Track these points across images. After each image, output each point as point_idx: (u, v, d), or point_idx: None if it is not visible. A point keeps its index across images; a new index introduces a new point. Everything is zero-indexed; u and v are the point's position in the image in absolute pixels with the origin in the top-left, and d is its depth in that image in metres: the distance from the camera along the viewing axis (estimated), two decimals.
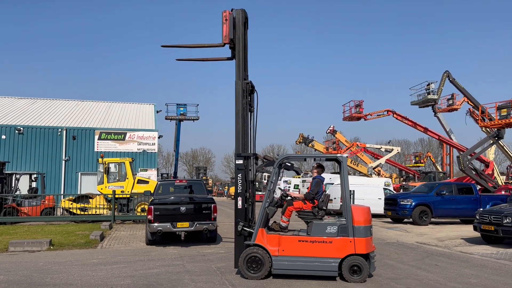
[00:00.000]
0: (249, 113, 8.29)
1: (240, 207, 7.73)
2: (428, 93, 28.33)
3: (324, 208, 7.58)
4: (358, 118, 31.16)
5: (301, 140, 36.34)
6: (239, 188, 7.79)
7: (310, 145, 36.43)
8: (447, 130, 31.68)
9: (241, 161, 7.83)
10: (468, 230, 14.66)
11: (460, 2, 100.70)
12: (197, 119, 34.81)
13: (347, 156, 33.60)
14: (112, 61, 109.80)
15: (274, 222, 7.87)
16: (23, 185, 20.24)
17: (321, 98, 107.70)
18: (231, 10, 8.21)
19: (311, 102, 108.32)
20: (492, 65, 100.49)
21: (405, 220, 18.22)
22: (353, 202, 19.82)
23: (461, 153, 24.59)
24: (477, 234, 12.75)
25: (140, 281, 7.17)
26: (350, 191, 20.10)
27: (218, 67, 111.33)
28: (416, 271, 8.23)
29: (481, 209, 12.91)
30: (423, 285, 7.07)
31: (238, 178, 7.81)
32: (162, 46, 8.95)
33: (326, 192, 8.12)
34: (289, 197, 7.93)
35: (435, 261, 9.45)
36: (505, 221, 11.37)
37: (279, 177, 8.33)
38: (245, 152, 8.06)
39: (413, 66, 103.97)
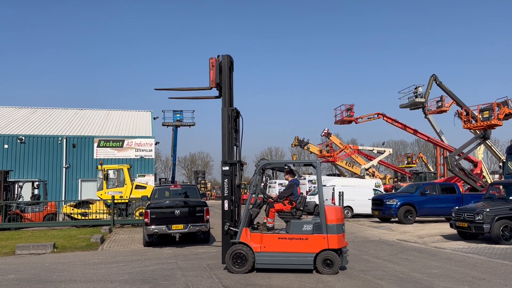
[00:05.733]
0: (234, 133, 9.19)
1: (227, 209, 8.62)
2: (416, 96, 29.19)
3: (301, 208, 8.48)
4: (349, 122, 31.99)
5: (297, 143, 37.19)
6: (226, 192, 8.67)
7: (305, 147, 37.29)
8: (438, 131, 32.50)
9: (227, 168, 8.71)
10: (449, 228, 15.48)
11: (446, 6, 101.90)
12: (193, 125, 35.68)
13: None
14: (109, 68, 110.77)
15: (262, 224, 8.74)
16: (26, 193, 21.09)
17: (317, 102, 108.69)
18: (217, 56, 9.17)
19: (307, 106, 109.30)
20: (479, 66, 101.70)
21: (392, 219, 19.07)
22: (343, 203, 20.73)
23: (449, 154, 25.48)
24: (455, 231, 13.59)
25: (137, 277, 8.01)
26: (339, 192, 21.06)
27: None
28: (387, 264, 9.10)
29: (456, 207, 13.75)
30: (388, 276, 7.93)
31: (225, 183, 8.68)
32: (156, 89, 9.95)
33: (303, 194, 9.01)
34: (270, 200, 8.82)
35: (407, 255, 10.32)
36: (477, 218, 12.21)
37: (262, 182, 9.19)
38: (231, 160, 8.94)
39: (404, 69, 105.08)
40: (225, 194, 8.69)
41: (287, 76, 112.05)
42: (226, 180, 8.70)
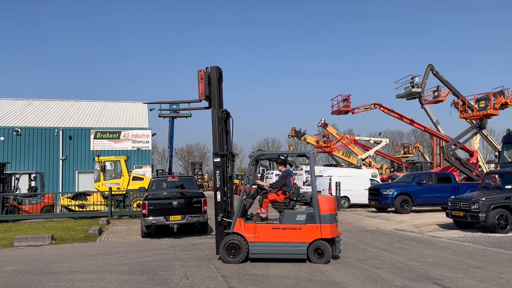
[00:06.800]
0: (225, 134, 9.25)
1: (219, 200, 8.68)
2: (413, 86, 29.23)
3: (295, 199, 8.56)
4: (346, 112, 32.04)
5: (294, 134, 37.29)
6: (218, 183, 8.70)
7: (302, 138, 37.39)
8: (434, 121, 32.61)
9: (218, 159, 8.74)
10: (445, 217, 15.62)
11: None
12: (190, 116, 35.55)
13: (334, 150, 34.39)
14: (104, 60, 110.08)
15: (255, 215, 8.79)
16: (23, 185, 21.07)
17: (314, 92, 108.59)
18: (206, 69, 9.17)
19: (304, 96, 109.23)
20: (476, 56, 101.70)
21: (389, 209, 19.19)
22: (339, 194, 20.83)
23: (445, 143, 25.57)
24: (451, 220, 13.69)
25: (136, 267, 8.06)
26: (336, 182, 21.14)
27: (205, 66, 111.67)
28: (383, 253, 9.19)
29: (453, 196, 13.85)
30: (385, 264, 8.01)
31: (217, 174, 8.72)
32: (145, 103, 9.93)
33: (296, 185, 9.08)
34: (264, 190, 8.88)
35: (404, 244, 10.42)
36: (473, 207, 12.30)
37: (256, 172, 9.25)
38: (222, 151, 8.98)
39: (400, 59, 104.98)
40: (217, 186, 8.73)
41: (283, 66, 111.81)
42: (218, 172, 8.75)
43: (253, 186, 8.93)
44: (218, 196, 8.66)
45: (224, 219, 8.52)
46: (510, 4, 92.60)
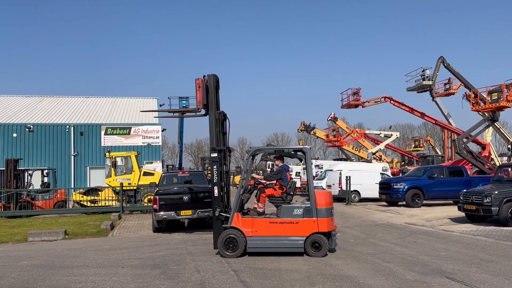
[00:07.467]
0: (222, 136, 9.38)
1: (216, 195, 8.72)
2: (423, 79, 28.89)
3: (292, 193, 8.67)
4: (356, 106, 31.82)
5: (303, 128, 37.14)
6: (215, 178, 8.75)
7: (311, 132, 37.25)
8: (445, 114, 32.24)
9: (215, 154, 8.81)
10: (456, 211, 15.48)
11: None
12: (199, 111, 35.60)
13: (346, 144, 34.27)
14: (114, 58, 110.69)
15: (252, 209, 8.85)
16: (36, 181, 21.36)
17: (323, 86, 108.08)
18: (203, 77, 9.24)
19: (313, 90, 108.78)
20: (486, 51, 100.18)
21: (399, 203, 19.09)
22: (349, 188, 20.76)
23: (457, 136, 25.30)
24: (463, 214, 13.56)
25: (148, 262, 8.14)
26: (346, 177, 21.07)
27: (220, 63, 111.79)
28: (394, 247, 9.15)
29: (465, 190, 13.72)
30: (396, 258, 7.98)
31: (214, 169, 8.76)
32: (141, 111, 10.09)
33: (293, 180, 9.20)
34: (261, 185, 8.96)
35: (415, 238, 10.35)
36: (485, 200, 12.17)
37: (252, 167, 9.31)
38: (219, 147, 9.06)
39: (411, 52, 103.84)
40: (214, 181, 8.78)
41: (293, 61, 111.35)
42: (215, 167, 8.79)
43: (250, 180, 9.06)
44: (216, 191, 8.72)
45: (222, 213, 8.59)
46: None
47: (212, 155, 8.84)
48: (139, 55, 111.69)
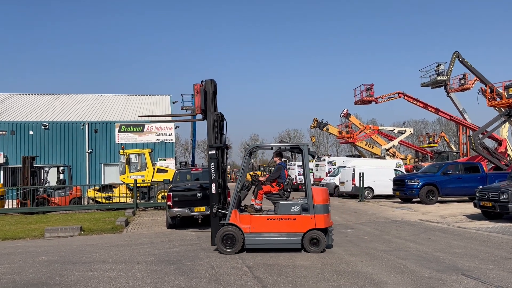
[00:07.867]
0: (220, 136, 9.42)
1: (214, 192, 8.76)
2: (438, 74, 28.51)
3: (289, 190, 8.71)
4: (369, 102, 31.57)
5: (316, 125, 36.97)
6: (213, 175, 8.77)
7: (324, 129, 37.07)
8: (460, 109, 31.82)
9: (213, 151, 8.84)
10: (472, 208, 15.28)
11: None
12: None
13: (357, 139, 34.00)
14: (128, 57, 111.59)
15: (249, 206, 8.87)
16: (52, 177, 21.68)
17: (336, 82, 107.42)
18: (201, 82, 9.24)
19: (326, 87, 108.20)
20: (503, 47, 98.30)
21: (413, 200, 18.91)
22: (363, 184, 20.64)
23: (472, 132, 24.95)
24: (479, 210, 13.39)
25: (163, 258, 8.22)
26: (360, 173, 20.95)
27: (229, 62, 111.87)
28: (409, 244, 9.08)
29: (480, 186, 13.53)
30: (411, 255, 7.92)
31: (212, 166, 8.79)
32: (139, 116, 10.07)
33: (290, 177, 9.28)
34: (258, 182, 9.01)
35: (430, 235, 10.26)
36: (502, 197, 11.98)
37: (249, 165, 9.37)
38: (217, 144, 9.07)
39: (425, 47, 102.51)
40: (212, 177, 8.80)
41: (305, 58, 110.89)
42: (213, 164, 8.82)
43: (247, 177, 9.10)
44: (214, 188, 8.76)
45: (220, 210, 8.64)
46: None
47: (210, 152, 8.90)
48: (148, 54, 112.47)
